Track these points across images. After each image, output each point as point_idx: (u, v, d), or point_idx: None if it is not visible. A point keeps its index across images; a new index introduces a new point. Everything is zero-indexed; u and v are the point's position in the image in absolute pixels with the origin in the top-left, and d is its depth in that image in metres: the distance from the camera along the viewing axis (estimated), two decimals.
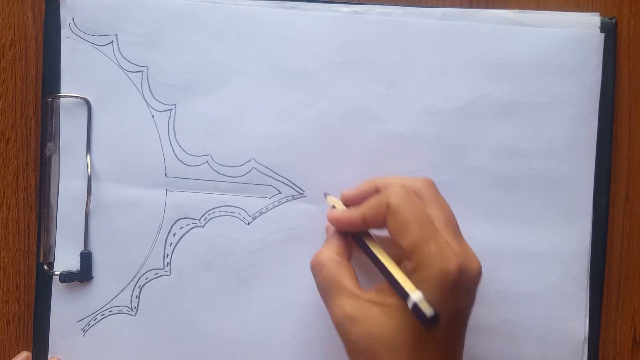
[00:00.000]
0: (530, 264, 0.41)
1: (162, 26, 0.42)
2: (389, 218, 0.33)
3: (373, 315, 0.31)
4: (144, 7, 0.42)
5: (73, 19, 0.42)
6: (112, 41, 0.42)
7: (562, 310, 0.41)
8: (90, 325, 0.42)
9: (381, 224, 0.34)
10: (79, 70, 0.42)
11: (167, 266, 0.42)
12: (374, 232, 0.36)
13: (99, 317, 0.42)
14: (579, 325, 0.41)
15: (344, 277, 0.33)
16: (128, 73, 0.42)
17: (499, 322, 0.41)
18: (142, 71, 0.42)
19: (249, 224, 0.42)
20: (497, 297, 0.41)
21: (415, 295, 0.30)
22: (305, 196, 0.42)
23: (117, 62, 0.42)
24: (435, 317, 0.29)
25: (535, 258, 0.41)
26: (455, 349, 0.33)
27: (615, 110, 0.42)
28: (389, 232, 0.33)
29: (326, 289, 0.34)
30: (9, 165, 0.43)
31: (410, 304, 0.30)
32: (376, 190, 0.37)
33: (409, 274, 0.32)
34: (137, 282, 0.42)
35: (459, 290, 0.31)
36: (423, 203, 0.34)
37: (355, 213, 0.35)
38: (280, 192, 0.42)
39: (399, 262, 0.33)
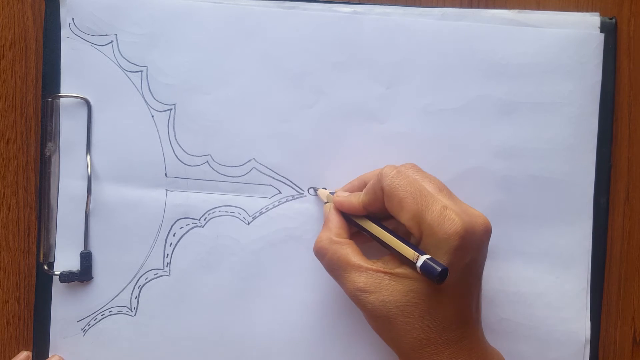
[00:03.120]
0: (530, 264, 0.41)
1: (161, 26, 0.42)
2: (386, 200, 0.34)
3: (384, 284, 0.33)
4: (144, 7, 0.42)
5: (73, 19, 0.42)
6: (112, 41, 0.42)
7: (562, 310, 0.41)
8: (90, 325, 0.42)
9: (381, 208, 0.35)
10: (79, 70, 0.42)
11: (167, 266, 0.42)
12: None
13: (99, 317, 0.42)
14: (579, 326, 0.41)
15: (348, 254, 0.35)
16: (128, 73, 0.42)
17: (499, 321, 0.41)
18: (141, 71, 0.42)
19: (249, 224, 0.42)
20: (496, 296, 0.41)
21: (422, 257, 0.31)
22: (305, 196, 0.42)
23: (116, 62, 0.42)
24: (444, 272, 0.30)
25: (535, 258, 0.41)
26: (468, 303, 0.34)
27: (615, 110, 0.42)
28: (390, 213, 0.34)
29: (334, 269, 0.35)
30: (9, 165, 0.43)
31: (419, 264, 0.31)
32: (365, 185, 0.38)
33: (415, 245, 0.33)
34: (136, 282, 0.42)
35: (466, 248, 0.32)
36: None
37: (355, 200, 0.37)
38: (280, 192, 0.42)
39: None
